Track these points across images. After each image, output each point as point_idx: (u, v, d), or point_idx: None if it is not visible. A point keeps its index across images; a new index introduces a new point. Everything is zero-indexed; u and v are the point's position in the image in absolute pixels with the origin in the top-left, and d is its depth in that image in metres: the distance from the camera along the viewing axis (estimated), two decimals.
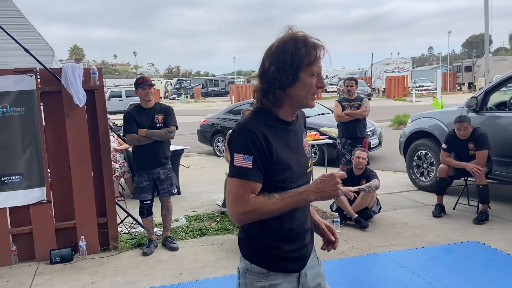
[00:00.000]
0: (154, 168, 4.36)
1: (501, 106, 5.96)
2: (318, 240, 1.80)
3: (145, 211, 4.44)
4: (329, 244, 1.82)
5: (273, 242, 1.59)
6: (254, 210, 1.49)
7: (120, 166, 6.63)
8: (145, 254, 4.34)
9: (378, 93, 38.77)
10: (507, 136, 5.27)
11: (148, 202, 4.42)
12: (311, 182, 1.58)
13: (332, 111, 7.17)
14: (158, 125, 4.34)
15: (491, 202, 5.09)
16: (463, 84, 38.14)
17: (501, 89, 6.26)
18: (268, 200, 1.49)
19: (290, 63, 1.48)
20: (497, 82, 5.73)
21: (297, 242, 1.63)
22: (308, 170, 1.67)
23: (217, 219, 5.40)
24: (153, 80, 49.72)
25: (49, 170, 4.38)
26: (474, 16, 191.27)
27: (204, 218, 5.51)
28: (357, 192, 4.98)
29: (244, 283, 1.63)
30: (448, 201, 5.50)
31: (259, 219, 1.53)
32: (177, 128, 4.46)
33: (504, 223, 4.88)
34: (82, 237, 4.35)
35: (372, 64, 41.37)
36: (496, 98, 6.28)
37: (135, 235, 4.79)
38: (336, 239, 1.81)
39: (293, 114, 1.62)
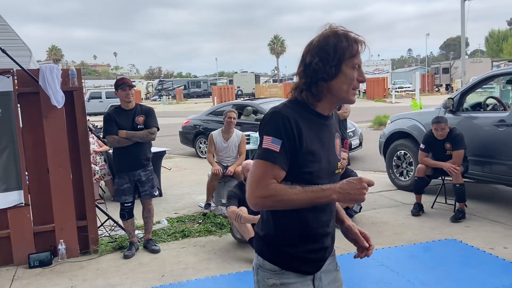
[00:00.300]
0: (135, 170, 4.33)
1: (477, 107, 6.11)
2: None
3: (126, 214, 4.40)
4: (363, 251, 1.72)
5: (290, 239, 1.55)
6: (273, 196, 1.44)
7: (100, 168, 6.55)
8: (126, 257, 4.30)
9: (359, 94, 39.21)
10: (482, 136, 5.41)
11: (129, 204, 4.39)
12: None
13: None
14: (139, 126, 4.31)
15: (467, 201, 5.22)
16: (441, 85, 38.88)
17: (477, 90, 6.43)
18: (289, 189, 1.44)
19: (333, 54, 1.48)
20: (473, 83, 5.88)
21: (315, 243, 1.59)
22: (337, 171, 1.63)
23: (199, 221, 5.38)
24: (134, 81, 49.15)
25: (26, 173, 4.30)
26: (451, 19, 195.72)
27: (186, 220, 5.49)
28: None
29: (257, 280, 1.61)
30: (426, 200, 5.61)
31: (276, 208, 1.49)
32: (158, 129, 4.44)
33: (480, 221, 5.01)
34: (61, 240, 4.28)
35: None
36: (472, 99, 6.45)
37: (116, 238, 4.74)
38: (370, 245, 1.72)
39: (331, 110, 1.60)
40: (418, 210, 5.33)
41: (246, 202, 4.78)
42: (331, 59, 1.48)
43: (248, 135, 6.74)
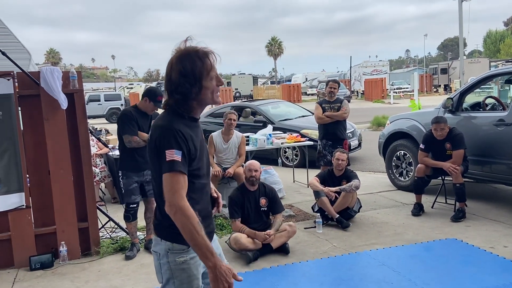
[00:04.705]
0: (143, 170, 4.34)
1: (476, 106, 6.13)
2: None
3: (131, 216, 4.40)
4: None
5: None
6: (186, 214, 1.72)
7: (100, 171, 6.55)
8: (128, 258, 4.30)
9: (357, 96, 39.29)
10: (481, 136, 5.43)
11: (135, 206, 4.39)
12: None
13: (312, 113, 7.25)
14: None
15: (467, 200, 5.23)
16: (439, 86, 38.96)
17: (476, 90, 6.46)
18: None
19: (193, 79, 1.78)
20: (472, 83, 5.90)
21: (207, 220, 1.93)
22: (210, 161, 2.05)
23: None
24: (132, 84, 49.07)
25: (28, 175, 4.30)
26: (449, 19, 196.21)
27: None
28: (338, 193, 5.05)
29: (167, 262, 1.86)
30: (426, 200, 5.63)
31: (182, 223, 1.71)
32: None
33: (480, 220, 5.02)
34: (63, 242, 4.28)
35: (351, 66, 41.92)
36: (471, 99, 6.47)
37: (117, 240, 4.74)
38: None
39: (201, 112, 1.93)
40: (418, 210, 5.35)
41: (250, 206, 4.71)
42: (192, 82, 1.78)
43: (247, 137, 6.75)
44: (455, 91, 6.73)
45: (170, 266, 1.85)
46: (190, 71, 1.77)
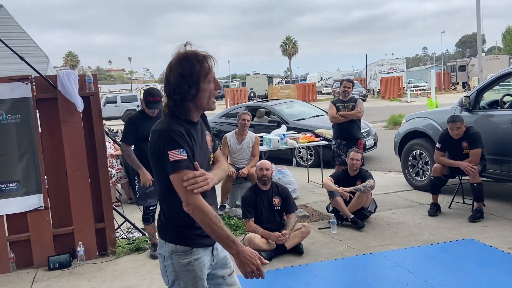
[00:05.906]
0: None
1: (494, 104, 6.01)
2: None
3: (151, 218, 4.43)
4: None
5: (194, 223, 1.82)
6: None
7: (116, 172, 6.64)
8: (154, 257, 4.34)
9: (373, 94, 38.93)
10: (499, 134, 5.32)
11: (154, 208, 4.43)
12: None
13: (327, 113, 7.22)
14: None
15: (485, 200, 5.14)
16: (458, 83, 38.36)
17: (494, 88, 6.33)
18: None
19: (191, 80, 1.80)
20: (489, 81, 5.79)
21: None
22: (210, 162, 2.02)
23: None
24: (148, 85, 49.57)
25: (46, 177, 4.39)
26: (467, 16, 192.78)
27: None
28: (353, 193, 5.02)
29: (171, 263, 1.89)
30: (443, 200, 5.54)
31: (201, 219, 1.77)
32: None
33: (499, 220, 4.93)
34: (80, 242, 4.35)
35: (366, 65, 41.54)
36: (488, 96, 6.35)
37: (133, 240, 4.80)
38: None
39: (198, 116, 1.94)
40: (435, 210, 5.27)
41: (263, 206, 4.69)
42: (192, 83, 1.80)
43: (261, 137, 6.76)
44: (473, 88, 6.60)
45: (175, 268, 1.88)
46: (188, 73, 1.80)
